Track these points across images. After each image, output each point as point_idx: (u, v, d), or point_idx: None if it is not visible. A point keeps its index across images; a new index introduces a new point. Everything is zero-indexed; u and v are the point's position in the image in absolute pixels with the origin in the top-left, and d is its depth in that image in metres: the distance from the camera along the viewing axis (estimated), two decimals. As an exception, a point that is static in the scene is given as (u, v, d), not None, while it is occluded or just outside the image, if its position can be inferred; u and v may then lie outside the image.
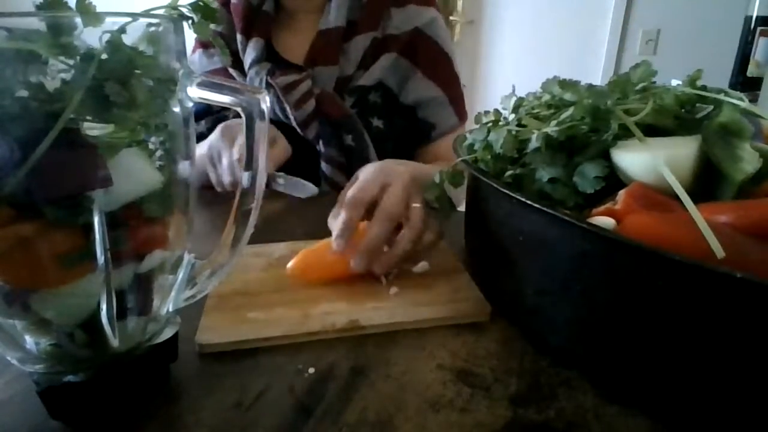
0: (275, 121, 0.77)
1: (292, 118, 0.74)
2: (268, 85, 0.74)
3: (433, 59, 0.80)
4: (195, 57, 0.83)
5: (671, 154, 0.32)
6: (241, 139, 0.64)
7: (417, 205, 0.45)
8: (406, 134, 0.81)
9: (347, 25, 0.76)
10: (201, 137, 0.72)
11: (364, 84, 0.77)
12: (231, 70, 0.78)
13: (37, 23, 0.21)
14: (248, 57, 0.76)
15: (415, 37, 0.79)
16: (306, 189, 0.69)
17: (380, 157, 0.77)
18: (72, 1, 0.22)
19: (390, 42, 0.77)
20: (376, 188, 0.45)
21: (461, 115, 0.83)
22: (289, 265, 0.43)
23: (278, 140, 0.70)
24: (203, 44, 0.82)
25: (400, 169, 0.48)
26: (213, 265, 0.31)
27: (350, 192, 0.45)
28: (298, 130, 0.76)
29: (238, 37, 0.76)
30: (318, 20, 0.77)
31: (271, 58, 0.77)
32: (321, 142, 0.76)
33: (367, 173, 0.48)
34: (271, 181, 0.69)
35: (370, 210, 0.45)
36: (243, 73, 0.77)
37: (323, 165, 0.77)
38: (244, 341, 0.35)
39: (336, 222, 0.44)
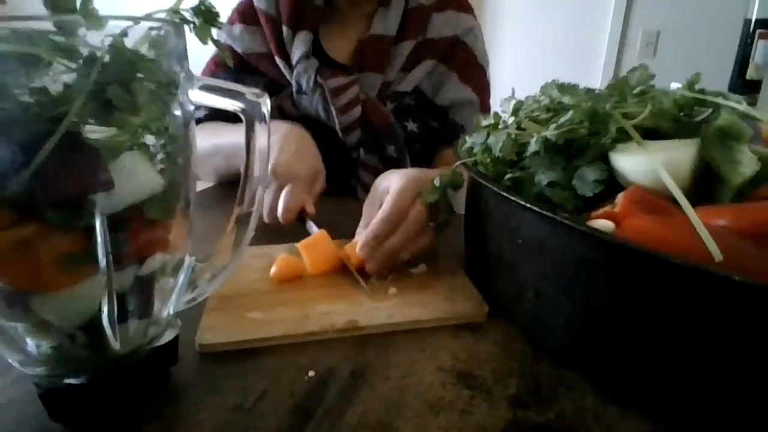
0: (318, 122, 0.75)
1: (336, 122, 0.74)
2: (316, 85, 0.73)
3: (468, 66, 0.81)
4: (236, 31, 0.78)
5: (669, 158, 0.32)
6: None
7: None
8: (436, 136, 0.81)
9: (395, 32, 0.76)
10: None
11: (404, 90, 0.77)
12: (277, 59, 0.76)
13: (40, 25, 0.21)
14: (296, 51, 0.74)
15: (453, 45, 0.79)
16: None
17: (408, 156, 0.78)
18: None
19: (429, 46, 0.78)
20: (408, 207, 0.45)
21: None
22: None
23: (319, 177, 0.64)
24: (243, 17, 0.78)
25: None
26: (214, 268, 0.31)
27: (386, 209, 0.45)
28: (340, 134, 0.75)
29: (284, 28, 0.75)
30: (367, 20, 0.76)
31: (317, 53, 0.76)
32: (362, 150, 0.76)
33: (399, 191, 0.46)
34: (305, 223, 0.59)
35: None
36: (287, 63, 0.76)
37: (361, 172, 0.76)
38: (243, 341, 0.36)
39: (365, 232, 0.44)
